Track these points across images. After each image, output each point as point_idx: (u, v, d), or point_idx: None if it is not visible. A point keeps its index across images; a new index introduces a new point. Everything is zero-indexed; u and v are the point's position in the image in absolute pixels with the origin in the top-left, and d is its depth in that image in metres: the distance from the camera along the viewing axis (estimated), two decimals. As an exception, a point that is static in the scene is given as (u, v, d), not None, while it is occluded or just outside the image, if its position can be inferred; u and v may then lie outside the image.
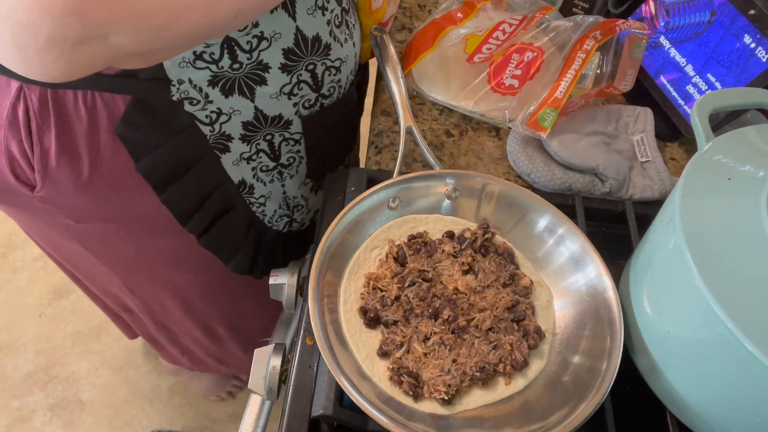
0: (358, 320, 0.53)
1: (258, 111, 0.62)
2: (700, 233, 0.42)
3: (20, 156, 0.57)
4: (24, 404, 1.40)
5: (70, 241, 0.74)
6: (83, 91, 0.53)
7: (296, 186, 0.77)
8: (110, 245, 0.74)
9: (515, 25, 0.76)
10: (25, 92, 0.53)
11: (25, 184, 0.60)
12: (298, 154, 0.71)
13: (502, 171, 0.72)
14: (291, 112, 0.65)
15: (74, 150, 0.57)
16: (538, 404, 0.50)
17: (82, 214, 0.66)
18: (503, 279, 0.56)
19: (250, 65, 0.57)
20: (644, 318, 0.49)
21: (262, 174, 0.70)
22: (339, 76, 0.67)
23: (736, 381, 0.41)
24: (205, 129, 0.61)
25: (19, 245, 1.65)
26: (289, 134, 0.67)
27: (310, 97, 0.65)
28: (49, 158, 0.57)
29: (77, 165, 0.58)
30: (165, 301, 0.90)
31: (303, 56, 0.60)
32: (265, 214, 0.76)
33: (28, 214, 0.69)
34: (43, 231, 0.75)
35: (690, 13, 0.73)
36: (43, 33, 0.34)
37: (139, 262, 0.79)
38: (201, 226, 0.69)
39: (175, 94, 0.56)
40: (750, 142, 0.49)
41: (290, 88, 0.62)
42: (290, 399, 0.50)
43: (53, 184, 0.59)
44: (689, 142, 0.78)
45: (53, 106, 0.54)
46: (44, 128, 0.55)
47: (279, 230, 0.81)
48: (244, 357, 1.11)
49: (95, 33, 0.35)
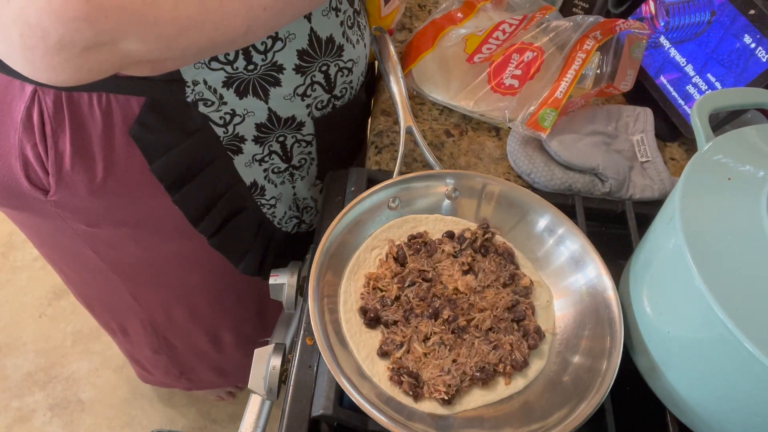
0: (358, 320, 0.53)
1: (271, 112, 0.62)
2: (700, 233, 0.42)
3: (34, 160, 0.57)
4: (24, 404, 1.40)
5: (80, 247, 0.73)
6: (98, 93, 0.53)
7: (306, 187, 0.77)
8: (120, 249, 0.74)
9: (515, 25, 0.76)
10: (40, 95, 0.53)
11: (39, 188, 0.60)
12: (309, 155, 0.72)
13: (502, 171, 0.72)
14: (304, 114, 0.65)
15: (89, 152, 0.57)
16: (538, 404, 0.50)
17: (94, 218, 0.66)
18: (503, 279, 0.56)
19: (265, 66, 0.57)
20: (644, 318, 0.49)
21: (273, 175, 0.70)
22: (351, 77, 0.67)
23: (736, 381, 0.41)
24: (219, 130, 0.61)
25: (19, 245, 1.65)
26: (301, 136, 0.67)
27: (323, 99, 0.65)
28: (63, 161, 0.57)
29: (91, 168, 0.58)
30: (171, 308, 0.90)
31: (317, 57, 0.60)
32: (275, 215, 0.76)
33: (38, 220, 0.69)
34: (53, 237, 0.75)
35: (690, 13, 0.73)
36: (52, 37, 0.34)
37: (148, 266, 0.79)
38: (212, 227, 0.69)
39: (190, 95, 0.56)
40: (750, 142, 0.49)
41: (304, 89, 0.62)
42: (290, 399, 0.50)
43: (67, 187, 0.59)
44: (689, 142, 0.78)
45: (68, 108, 0.54)
46: (59, 131, 0.55)
47: (288, 231, 0.81)
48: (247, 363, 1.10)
49: (105, 39, 0.36)
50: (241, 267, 0.78)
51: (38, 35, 0.34)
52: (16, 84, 0.53)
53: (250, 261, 0.78)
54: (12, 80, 0.53)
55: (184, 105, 0.56)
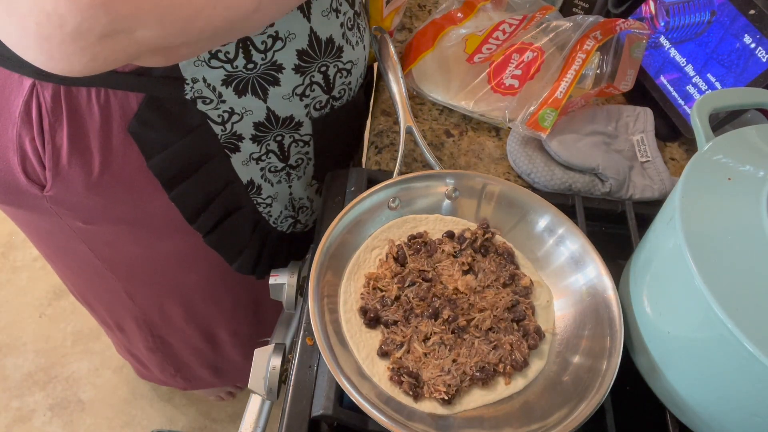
0: (358, 320, 0.53)
1: (270, 112, 0.62)
2: (700, 233, 0.42)
3: (32, 153, 0.57)
4: (24, 404, 1.40)
5: (76, 244, 0.73)
6: (96, 88, 0.53)
7: (303, 187, 0.77)
8: (117, 247, 0.74)
9: (515, 25, 0.76)
10: (38, 89, 0.53)
11: (36, 183, 0.60)
12: (306, 155, 0.72)
13: (502, 171, 0.72)
14: (302, 114, 0.65)
15: (86, 147, 0.57)
16: (538, 404, 0.50)
17: (90, 215, 0.66)
18: (503, 279, 0.56)
19: (264, 65, 0.57)
20: (644, 318, 0.49)
21: (270, 175, 0.71)
22: (350, 78, 0.67)
23: (736, 381, 0.41)
24: (217, 128, 0.61)
25: (19, 245, 1.65)
26: (299, 136, 0.68)
27: (321, 99, 0.65)
28: (60, 156, 0.57)
29: (88, 163, 0.58)
30: (166, 306, 0.90)
31: (316, 58, 0.60)
32: (270, 214, 0.76)
33: (35, 217, 0.69)
34: (49, 234, 0.75)
35: (690, 13, 0.73)
36: (69, 24, 0.34)
37: (144, 264, 0.79)
38: (208, 225, 0.70)
39: (189, 92, 0.56)
40: (750, 142, 0.49)
41: (302, 89, 0.62)
42: (290, 399, 0.50)
43: (63, 183, 0.59)
44: (689, 142, 0.78)
45: (66, 103, 0.54)
46: (56, 125, 0.55)
47: (283, 231, 0.81)
48: (243, 363, 1.10)
49: (122, 26, 0.35)
50: (236, 265, 0.78)
51: (55, 23, 0.33)
52: (14, 77, 0.53)
53: (245, 260, 0.78)
54: (10, 74, 0.53)
55: (182, 102, 0.56)
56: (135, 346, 1.08)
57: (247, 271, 0.80)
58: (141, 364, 1.18)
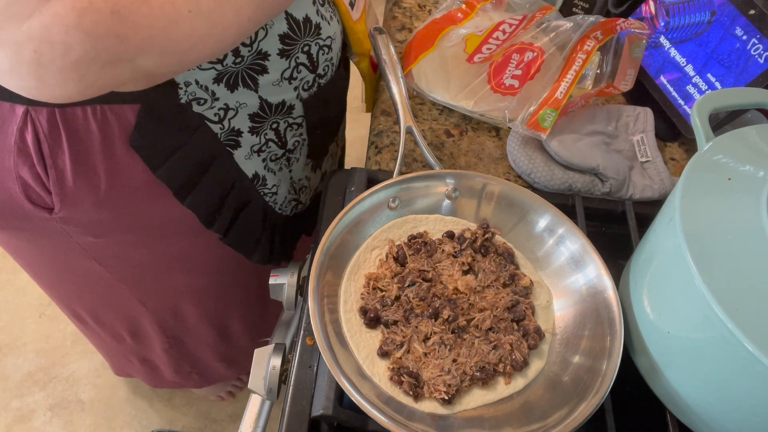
0: (358, 320, 0.53)
1: (262, 100, 0.63)
2: (700, 233, 0.42)
3: (34, 181, 0.57)
4: (24, 404, 1.40)
5: (84, 260, 0.74)
6: (92, 106, 0.53)
7: (301, 168, 0.79)
8: (126, 257, 0.75)
9: (515, 25, 0.76)
10: (32, 115, 0.53)
11: (42, 207, 0.60)
12: (301, 137, 0.73)
13: (502, 171, 0.72)
14: (293, 97, 0.66)
15: (90, 166, 0.57)
16: (538, 404, 0.50)
17: (101, 229, 0.66)
18: (503, 279, 0.56)
19: (251, 56, 0.58)
20: (644, 318, 0.49)
21: (272, 164, 0.72)
22: (331, 54, 0.69)
23: (736, 381, 0.41)
24: (215, 127, 0.62)
25: (19, 245, 1.65)
26: (292, 119, 0.69)
27: (308, 79, 0.67)
28: (65, 179, 0.57)
29: (94, 181, 0.58)
30: (179, 308, 0.91)
31: (298, 39, 0.62)
32: (276, 202, 0.78)
33: (43, 239, 0.69)
34: (56, 255, 0.74)
35: (690, 13, 0.73)
36: (75, 53, 0.34)
37: (155, 270, 0.80)
38: (224, 226, 0.71)
39: (183, 96, 0.57)
40: (750, 142, 0.49)
41: (290, 72, 0.63)
42: (290, 399, 0.50)
43: (72, 203, 0.59)
44: (689, 142, 0.78)
45: (63, 125, 0.54)
46: (57, 149, 0.55)
47: (287, 215, 0.82)
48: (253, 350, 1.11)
49: (128, 56, 0.36)
50: (254, 258, 0.80)
51: (58, 52, 0.34)
52: (5, 106, 0.53)
53: (261, 251, 0.80)
54: (1, 103, 0.53)
55: (178, 107, 0.57)
56: (151, 351, 1.08)
57: (264, 261, 0.81)
58: (154, 371, 1.18)
